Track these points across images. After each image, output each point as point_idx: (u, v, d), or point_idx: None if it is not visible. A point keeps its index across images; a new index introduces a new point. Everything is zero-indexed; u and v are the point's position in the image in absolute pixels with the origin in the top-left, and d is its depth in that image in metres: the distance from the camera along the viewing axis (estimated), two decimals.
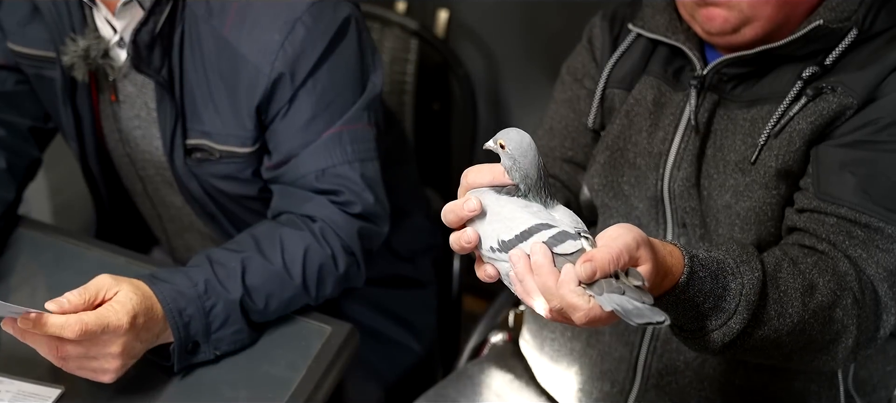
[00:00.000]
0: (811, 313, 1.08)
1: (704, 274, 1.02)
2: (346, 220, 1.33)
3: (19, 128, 1.46)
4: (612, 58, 1.34)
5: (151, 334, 1.17)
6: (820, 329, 1.09)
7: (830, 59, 1.17)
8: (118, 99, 1.40)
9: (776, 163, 1.18)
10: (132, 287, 1.15)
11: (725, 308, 1.04)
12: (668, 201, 1.26)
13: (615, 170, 1.31)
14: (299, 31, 1.28)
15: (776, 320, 1.06)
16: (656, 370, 1.31)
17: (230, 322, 1.23)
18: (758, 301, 1.04)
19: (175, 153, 1.37)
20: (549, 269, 0.89)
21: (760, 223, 1.20)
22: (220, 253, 1.27)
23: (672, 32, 1.27)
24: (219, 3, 1.30)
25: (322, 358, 1.26)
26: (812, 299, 1.08)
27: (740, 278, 1.05)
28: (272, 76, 1.29)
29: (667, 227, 1.28)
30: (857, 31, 1.16)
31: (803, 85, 1.17)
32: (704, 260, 1.03)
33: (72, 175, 2.22)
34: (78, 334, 1.08)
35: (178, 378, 1.22)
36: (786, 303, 1.07)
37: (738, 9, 1.17)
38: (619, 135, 1.30)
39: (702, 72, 1.23)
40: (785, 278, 1.08)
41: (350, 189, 1.33)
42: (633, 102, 1.30)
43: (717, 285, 1.03)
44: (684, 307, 1.02)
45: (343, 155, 1.32)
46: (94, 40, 1.33)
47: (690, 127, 1.24)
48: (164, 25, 1.29)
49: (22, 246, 1.41)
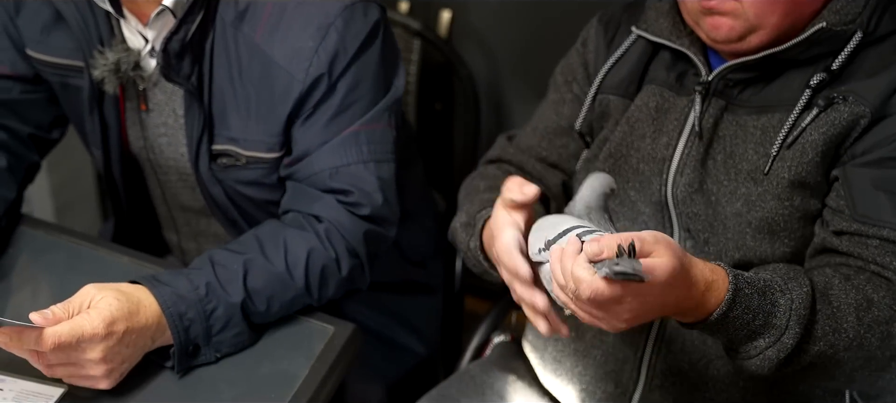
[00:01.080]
0: (867, 327, 1.09)
1: (751, 291, 1.05)
2: (353, 222, 1.33)
3: (20, 133, 1.46)
4: (607, 63, 1.34)
5: (144, 338, 1.17)
6: (879, 344, 1.10)
7: (837, 64, 1.16)
8: (148, 107, 1.40)
9: (789, 175, 1.17)
10: (115, 293, 1.15)
11: (776, 324, 1.06)
12: (673, 206, 1.26)
13: (620, 176, 1.30)
14: (332, 37, 1.28)
15: (831, 335, 1.08)
16: (660, 371, 1.31)
17: (231, 325, 1.23)
18: (809, 315, 1.06)
19: (200, 159, 1.37)
20: (572, 252, 0.98)
21: (773, 233, 1.20)
22: (222, 254, 1.27)
23: (676, 36, 1.27)
24: (250, 9, 1.30)
25: (325, 359, 1.25)
26: (868, 313, 1.09)
27: (789, 294, 1.07)
28: (307, 82, 1.29)
29: (673, 233, 1.27)
30: (861, 33, 1.16)
31: (812, 93, 1.16)
32: (750, 278, 1.06)
33: (74, 175, 2.23)
34: (52, 346, 1.08)
35: (179, 377, 1.22)
36: (840, 318, 1.08)
37: (744, 18, 1.16)
38: (622, 142, 1.30)
39: (707, 78, 1.23)
40: (837, 294, 1.10)
41: (361, 189, 1.32)
42: (635, 109, 1.30)
43: (766, 301, 1.06)
44: (735, 325, 1.05)
45: (359, 154, 1.32)
46: (123, 53, 1.33)
47: (694, 132, 1.23)
48: (195, 33, 1.29)
49: (24, 245, 1.41)
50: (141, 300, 1.17)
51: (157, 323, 1.18)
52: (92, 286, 1.15)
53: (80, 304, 1.13)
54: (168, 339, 1.20)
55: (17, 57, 1.42)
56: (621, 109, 1.33)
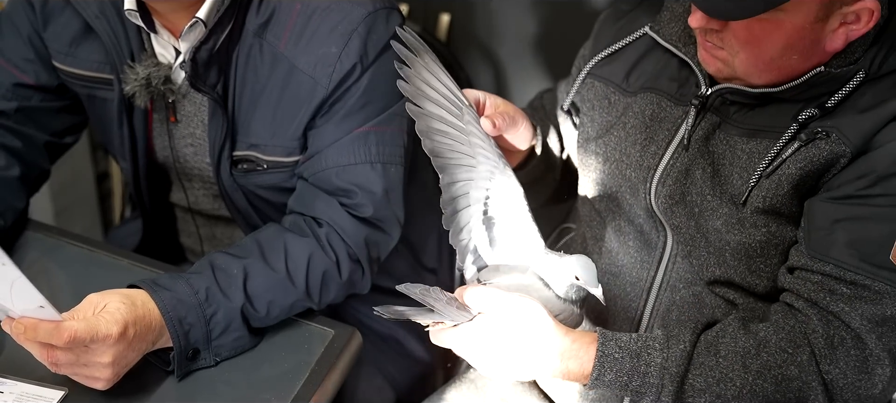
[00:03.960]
0: (756, 374, 1.11)
1: (622, 355, 1.12)
2: (354, 226, 1.33)
3: (36, 141, 1.47)
4: (604, 51, 1.35)
5: (146, 342, 1.17)
6: (774, 389, 1.11)
7: (832, 102, 1.15)
8: (177, 119, 1.41)
9: (763, 205, 1.17)
10: (121, 297, 1.15)
11: (652, 383, 1.12)
12: (660, 214, 1.27)
13: (614, 180, 1.31)
14: (355, 42, 1.30)
15: (716, 386, 1.12)
16: None
17: (231, 329, 1.23)
18: (683, 372, 1.11)
19: (222, 165, 1.38)
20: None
21: (749, 258, 1.21)
22: (222, 258, 1.27)
23: (683, 44, 1.27)
24: (274, 17, 1.31)
25: (324, 362, 1.26)
26: (756, 360, 1.12)
27: (666, 352, 1.12)
28: (330, 87, 1.30)
29: (667, 238, 1.28)
30: (864, 73, 1.14)
31: (799, 127, 1.16)
32: (625, 342, 1.13)
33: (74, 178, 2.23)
34: (66, 342, 1.08)
35: (179, 379, 1.22)
36: (725, 368, 1.12)
37: (732, 67, 1.17)
38: (616, 147, 1.31)
39: (705, 93, 1.23)
40: (727, 342, 1.13)
41: (365, 189, 1.33)
42: (632, 116, 1.30)
43: (639, 363, 1.12)
44: (616, 387, 1.12)
45: (366, 154, 1.33)
46: (153, 68, 1.34)
47: (682, 145, 1.24)
48: (223, 42, 1.30)
49: (25, 248, 1.41)
50: (144, 303, 1.17)
51: (158, 327, 1.18)
52: (95, 294, 1.16)
53: (85, 312, 1.13)
54: (167, 342, 1.20)
55: (42, 68, 1.43)
56: (603, 96, 1.34)
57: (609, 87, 1.34)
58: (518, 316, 1.11)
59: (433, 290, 1.11)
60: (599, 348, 1.12)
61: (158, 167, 1.51)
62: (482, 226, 1.20)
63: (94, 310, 1.13)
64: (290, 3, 1.31)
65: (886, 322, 1.11)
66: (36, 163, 1.47)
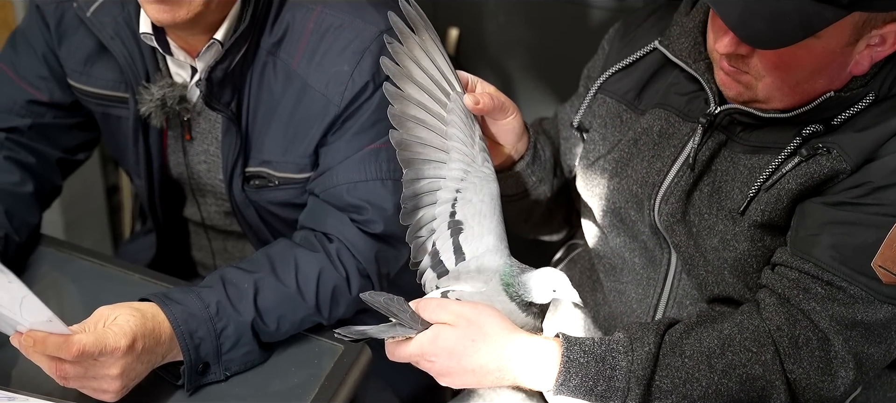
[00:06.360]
0: (721, 373, 1.11)
1: (587, 360, 1.11)
2: (365, 242, 1.34)
3: (49, 157, 1.48)
4: (614, 66, 1.35)
5: (156, 356, 1.18)
6: (739, 387, 1.11)
7: (839, 120, 1.16)
8: (191, 137, 1.42)
9: (761, 218, 1.17)
10: (131, 310, 1.16)
11: (618, 387, 1.11)
12: (663, 230, 1.27)
13: (620, 196, 1.31)
14: (367, 61, 1.31)
15: (683, 386, 1.11)
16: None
17: (241, 343, 1.24)
18: (650, 374, 1.11)
19: (234, 181, 1.39)
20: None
21: (746, 274, 1.21)
22: (233, 272, 1.28)
23: (693, 60, 1.27)
24: (287, 36, 1.33)
25: (334, 377, 1.26)
26: (721, 359, 1.12)
27: (632, 354, 1.11)
28: (342, 105, 1.31)
29: (671, 254, 1.28)
30: (874, 96, 1.14)
31: (802, 141, 1.16)
32: (589, 347, 1.12)
33: (84, 191, 2.24)
34: (75, 355, 1.09)
35: (189, 394, 1.22)
36: (691, 368, 1.12)
37: (754, 91, 1.17)
38: (624, 164, 1.31)
39: (714, 111, 1.23)
40: (692, 342, 1.13)
41: (375, 206, 1.33)
42: (641, 132, 1.30)
43: (605, 366, 1.11)
44: (581, 392, 1.11)
45: (377, 171, 1.33)
46: (168, 88, 1.35)
47: (688, 164, 1.24)
48: (238, 61, 1.31)
49: (35, 262, 1.42)
50: (154, 316, 1.18)
51: (168, 340, 1.18)
52: (105, 307, 1.16)
53: (95, 324, 1.14)
54: (177, 356, 1.20)
55: (56, 86, 1.45)
56: (615, 114, 1.33)
57: (621, 105, 1.34)
58: (477, 323, 1.11)
59: (396, 300, 1.11)
60: (564, 353, 1.11)
61: (172, 182, 1.52)
62: (447, 231, 1.19)
63: (104, 323, 1.14)
64: (303, 22, 1.32)
65: (856, 326, 1.11)
66: (49, 178, 1.48)
